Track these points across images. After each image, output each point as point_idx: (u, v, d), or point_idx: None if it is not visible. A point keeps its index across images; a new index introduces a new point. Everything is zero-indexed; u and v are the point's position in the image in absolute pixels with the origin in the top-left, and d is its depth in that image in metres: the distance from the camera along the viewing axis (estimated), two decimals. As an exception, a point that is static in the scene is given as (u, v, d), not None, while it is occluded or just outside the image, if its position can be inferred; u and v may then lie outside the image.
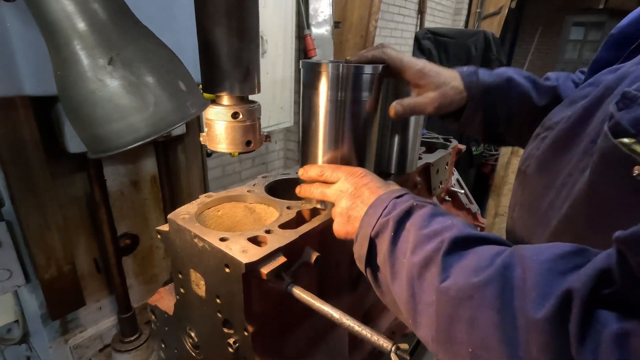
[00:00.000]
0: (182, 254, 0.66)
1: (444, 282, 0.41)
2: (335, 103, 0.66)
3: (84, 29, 0.38)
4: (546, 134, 0.57)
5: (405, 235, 0.51)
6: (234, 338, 0.62)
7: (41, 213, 0.87)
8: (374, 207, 0.56)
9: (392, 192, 0.58)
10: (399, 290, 0.49)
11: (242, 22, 0.53)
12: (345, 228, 0.61)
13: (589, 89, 0.54)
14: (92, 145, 0.42)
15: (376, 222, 0.54)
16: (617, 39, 0.58)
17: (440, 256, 0.44)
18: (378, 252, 0.54)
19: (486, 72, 0.75)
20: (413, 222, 0.51)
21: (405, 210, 0.53)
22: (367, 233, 0.55)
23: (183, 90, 0.44)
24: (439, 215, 0.51)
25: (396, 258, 0.50)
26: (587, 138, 0.47)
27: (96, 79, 0.38)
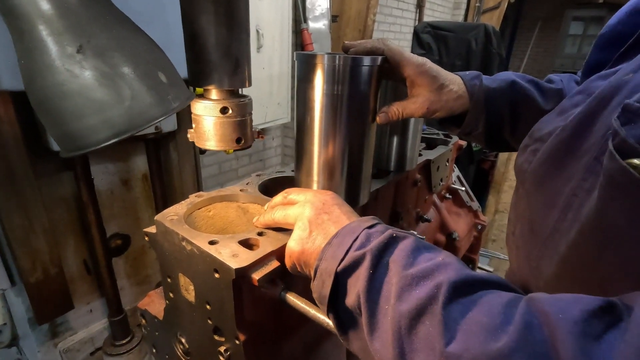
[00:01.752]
0: (170, 258, 0.63)
1: (450, 344, 0.34)
2: (331, 97, 0.62)
3: (49, 12, 0.34)
4: (537, 147, 0.53)
5: (387, 274, 0.42)
6: (225, 346, 0.59)
7: (25, 214, 0.83)
8: (341, 237, 0.47)
9: (361, 220, 0.49)
10: (381, 346, 0.40)
11: (231, 9, 0.49)
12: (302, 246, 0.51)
13: (579, 98, 0.51)
14: (64, 143, 0.38)
15: (344, 255, 0.45)
16: (607, 40, 0.55)
17: (439, 308, 0.36)
18: (348, 292, 0.44)
19: (489, 77, 0.73)
20: (395, 259, 0.42)
21: (384, 242, 0.44)
22: (331, 268, 0.45)
23: (164, 82, 0.40)
24: (424, 250, 0.43)
25: (376, 304, 0.41)
26: (587, 154, 0.43)
27: (64, 69, 0.34)
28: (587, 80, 0.53)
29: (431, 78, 0.65)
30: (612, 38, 0.54)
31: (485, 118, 0.71)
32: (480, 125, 0.72)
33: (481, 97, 0.69)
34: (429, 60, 0.67)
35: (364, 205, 0.75)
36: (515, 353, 0.30)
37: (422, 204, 1.09)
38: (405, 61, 0.65)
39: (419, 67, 0.65)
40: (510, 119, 0.73)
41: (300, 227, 0.52)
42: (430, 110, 0.67)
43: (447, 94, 0.67)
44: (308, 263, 0.51)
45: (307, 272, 0.52)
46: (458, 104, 0.68)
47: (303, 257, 0.51)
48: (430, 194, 1.13)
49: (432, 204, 1.20)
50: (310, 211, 0.52)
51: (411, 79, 0.66)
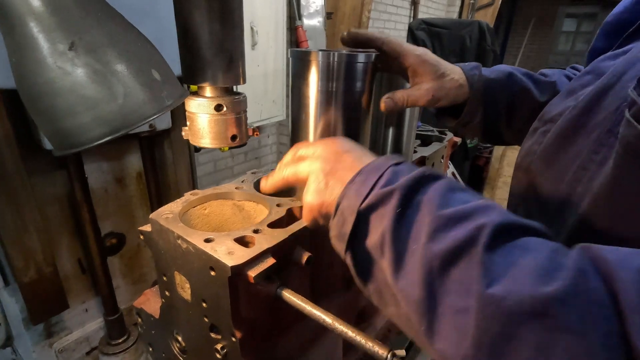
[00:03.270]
0: (165, 256, 0.63)
1: (492, 287, 0.31)
2: (326, 94, 0.62)
3: (40, 8, 0.33)
4: (547, 128, 0.53)
5: (417, 214, 0.39)
6: (222, 344, 0.59)
7: (17, 213, 0.82)
8: (365, 174, 0.44)
9: (387, 158, 0.47)
10: (407, 285, 0.38)
11: (224, 4, 0.49)
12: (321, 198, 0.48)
13: (588, 77, 0.51)
14: (57, 141, 0.38)
15: (369, 192, 0.42)
16: (612, 27, 0.56)
17: (480, 249, 0.33)
18: (370, 231, 0.42)
19: (487, 69, 0.73)
20: (427, 198, 0.39)
21: (415, 179, 0.41)
22: (353, 205, 0.43)
23: (157, 79, 0.40)
24: (459, 191, 0.41)
25: (403, 243, 0.39)
26: (598, 128, 0.44)
27: (56, 66, 0.34)
28: (595, 60, 0.54)
29: (433, 66, 0.66)
30: (617, 25, 0.55)
31: (483, 108, 0.72)
32: (478, 116, 0.72)
33: (480, 87, 0.70)
34: (428, 50, 0.67)
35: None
36: (570, 298, 0.28)
37: (417, 200, 1.10)
38: (406, 52, 0.65)
39: (420, 56, 0.65)
40: (506, 109, 0.73)
41: (315, 180, 0.49)
42: (434, 98, 0.67)
43: (449, 82, 0.67)
44: (329, 212, 0.48)
45: (327, 223, 0.50)
46: (459, 92, 0.69)
47: (323, 209, 0.49)
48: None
49: (427, 200, 1.20)
50: (323, 163, 0.49)
51: (413, 69, 0.66)
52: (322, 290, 0.75)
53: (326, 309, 0.52)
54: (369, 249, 0.43)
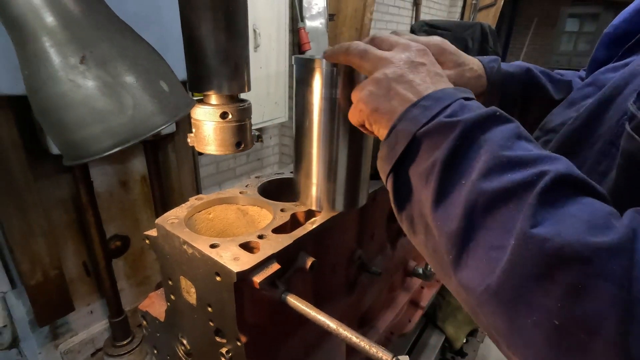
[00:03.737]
0: (171, 261, 0.63)
1: (536, 228, 0.31)
2: (329, 101, 0.62)
3: (52, 24, 0.34)
4: (549, 137, 0.54)
5: (476, 150, 0.38)
6: (227, 348, 0.60)
7: (24, 217, 0.83)
8: (431, 100, 0.42)
9: (458, 89, 0.44)
10: (444, 216, 0.37)
11: (230, 15, 0.49)
12: (377, 103, 0.45)
13: (589, 89, 0.52)
14: (68, 152, 0.39)
15: (431, 120, 0.40)
16: (612, 38, 0.56)
17: (534, 194, 0.32)
18: (419, 158, 0.41)
19: (505, 63, 0.73)
20: (491, 137, 0.38)
21: (483, 116, 0.39)
22: (410, 129, 0.41)
23: (165, 90, 0.41)
24: (526, 140, 0.38)
25: (453, 175, 0.38)
26: (601, 139, 0.44)
27: (67, 79, 0.35)
28: (596, 72, 0.54)
29: (453, 55, 0.65)
30: (617, 36, 0.55)
31: (499, 101, 0.71)
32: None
33: (498, 80, 0.69)
34: (446, 40, 0.67)
35: (362, 206, 0.76)
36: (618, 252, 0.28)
37: (419, 203, 1.10)
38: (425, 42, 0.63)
39: (439, 45, 0.65)
40: (521, 104, 0.73)
41: (378, 82, 0.46)
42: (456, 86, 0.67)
43: (468, 71, 0.67)
44: (380, 121, 0.46)
45: (373, 129, 0.49)
46: (478, 83, 0.68)
47: (375, 116, 0.46)
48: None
49: (430, 203, 1.21)
50: (394, 67, 0.46)
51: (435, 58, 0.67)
52: (325, 294, 0.75)
53: (329, 312, 0.52)
54: (413, 176, 0.42)
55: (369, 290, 0.91)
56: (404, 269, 1.09)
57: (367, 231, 0.86)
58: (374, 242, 0.91)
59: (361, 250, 0.84)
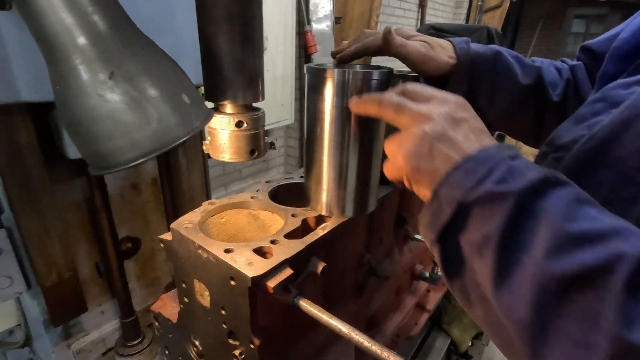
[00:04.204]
0: (185, 264, 0.65)
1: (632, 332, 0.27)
2: (340, 109, 0.64)
3: (83, 42, 0.36)
4: (560, 155, 0.52)
5: (534, 222, 0.35)
6: (240, 350, 0.61)
7: (41, 219, 0.86)
8: (474, 162, 0.39)
9: (500, 147, 0.41)
10: (511, 299, 0.34)
11: (246, 28, 0.51)
12: (418, 163, 0.43)
13: (599, 105, 0.51)
14: (93, 162, 0.40)
15: (477, 185, 0.38)
16: (622, 52, 0.55)
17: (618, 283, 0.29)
18: (470, 227, 0.38)
19: (477, 44, 0.75)
20: (549, 207, 0.35)
21: (536, 183, 0.36)
22: (455, 195, 0.39)
23: (187, 102, 0.42)
24: (589, 205, 0.35)
25: (512, 252, 0.35)
26: (621, 163, 0.43)
27: (96, 94, 0.37)
28: (606, 88, 0.53)
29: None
30: (628, 51, 0.54)
31: (468, 83, 0.72)
32: (464, 88, 0.73)
33: (467, 60, 0.71)
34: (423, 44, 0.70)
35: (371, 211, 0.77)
36: None
37: (426, 208, 1.12)
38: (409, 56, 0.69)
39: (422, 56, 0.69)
40: (490, 86, 0.74)
41: (417, 140, 0.43)
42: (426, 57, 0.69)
43: (437, 47, 0.71)
44: (421, 182, 0.44)
45: (412, 188, 0.47)
46: (446, 62, 0.71)
47: (416, 175, 0.44)
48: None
49: (436, 207, 1.22)
50: (433, 124, 0.43)
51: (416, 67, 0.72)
52: (334, 298, 0.77)
53: (338, 316, 0.54)
54: (464, 245, 0.40)
55: (376, 293, 0.93)
56: (411, 273, 1.10)
57: (376, 236, 0.87)
58: (382, 247, 0.92)
59: (370, 255, 0.85)
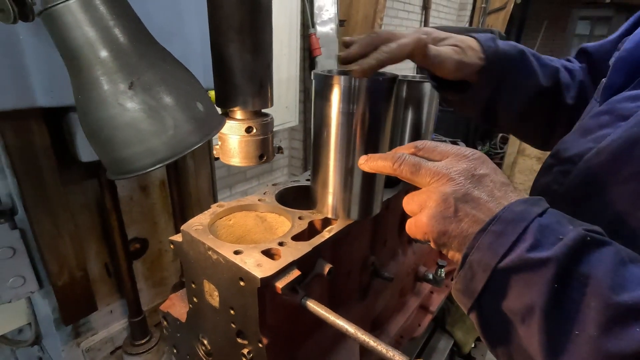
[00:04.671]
0: (195, 265, 0.67)
1: None
2: (347, 115, 0.65)
3: (105, 55, 0.38)
4: (566, 168, 0.51)
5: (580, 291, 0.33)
6: (248, 349, 0.63)
7: (53, 220, 0.88)
8: (502, 224, 0.37)
9: (527, 203, 0.39)
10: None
11: (257, 38, 0.53)
12: (445, 226, 0.41)
13: (605, 118, 0.51)
14: (112, 168, 0.42)
15: (509, 251, 0.36)
16: (627, 64, 0.54)
17: None
18: (509, 295, 0.37)
19: (503, 42, 0.71)
20: (594, 273, 0.33)
21: (574, 247, 0.34)
22: (488, 261, 0.37)
23: (201, 110, 0.44)
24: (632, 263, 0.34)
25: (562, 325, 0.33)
26: (635, 180, 0.42)
27: (117, 103, 0.39)
28: (612, 100, 0.53)
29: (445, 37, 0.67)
30: (633, 62, 0.53)
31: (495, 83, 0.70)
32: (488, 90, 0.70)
33: (496, 60, 0.68)
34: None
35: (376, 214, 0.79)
36: None
37: (430, 210, 1.13)
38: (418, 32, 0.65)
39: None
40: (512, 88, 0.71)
41: (439, 200, 0.41)
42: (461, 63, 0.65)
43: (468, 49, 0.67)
44: (449, 245, 0.42)
45: (440, 250, 0.45)
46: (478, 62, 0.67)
47: (443, 239, 0.42)
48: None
49: (440, 210, 1.23)
50: (455, 185, 0.41)
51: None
52: (340, 299, 0.78)
53: (343, 316, 0.55)
54: (505, 312, 0.38)
55: (381, 295, 0.94)
56: (415, 274, 1.12)
57: (380, 238, 0.89)
58: (387, 249, 0.94)
59: (374, 257, 0.87)
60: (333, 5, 2.79)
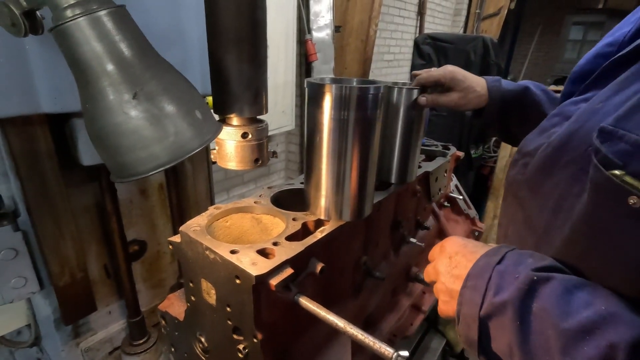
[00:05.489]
0: (193, 265, 0.70)
1: None
2: (338, 121, 0.69)
3: (111, 68, 0.41)
4: (526, 160, 0.62)
5: (540, 325, 0.41)
6: (244, 344, 0.66)
7: (56, 223, 0.90)
8: (473, 279, 0.49)
9: (488, 255, 0.51)
10: None
11: (253, 49, 0.56)
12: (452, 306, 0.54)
13: (556, 119, 0.61)
14: (117, 171, 0.45)
15: (482, 301, 0.47)
16: (577, 75, 0.65)
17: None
18: (494, 339, 0.46)
19: (509, 82, 0.93)
20: (544, 306, 0.41)
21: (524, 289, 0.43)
22: (473, 313, 0.48)
23: (199, 118, 0.47)
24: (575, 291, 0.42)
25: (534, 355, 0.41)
26: (572, 166, 0.51)
27: (122, 112, 0.42)
28: (562, 105, 0.64)
29: (460, 82, 0.87)
30: (581, 74, 0.64)
31: (499, 113, 0.91)
32: (497, 119, 0.92)
33: (498, 96, 0.90)
34: (458, 68, 0.89)
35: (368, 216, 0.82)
36: None
37: (421, 212, 1.16)
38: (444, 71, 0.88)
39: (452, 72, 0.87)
40: (518, 116, 0.91)
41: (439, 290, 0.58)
42: (457, 105, 0.89)
43: (471, 93, 0.88)
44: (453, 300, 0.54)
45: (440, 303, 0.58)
46: (479, 101, 0.90)
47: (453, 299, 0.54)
48: (430, 203, 1.20)
49: (431, 212, 1.27)
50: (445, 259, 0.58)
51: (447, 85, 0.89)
52: (333, 297, 0.81)
53: (337, 313, 0.58)
54: (498, 353, 0.46)
55: (373, 294, 0.97)
56: (407, 275, 1.15)
57: (372, 239, 0.92)
58: (379, 249, 0.97)
59: (366, 257, 0.90)
60: (329, 11, 2.84)
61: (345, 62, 3.08)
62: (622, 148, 0.41)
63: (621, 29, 0.61)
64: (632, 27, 0.57)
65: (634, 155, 0.40)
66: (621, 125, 0.42)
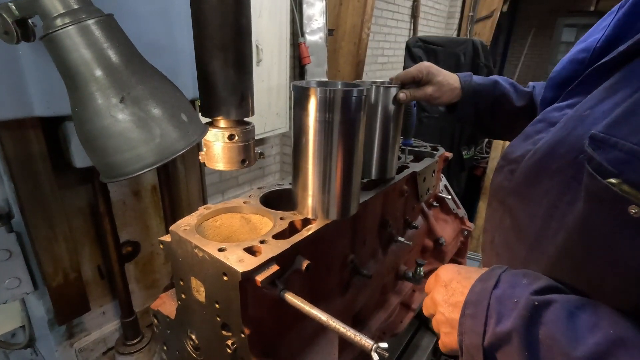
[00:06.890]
0: (183, 263, 0.72)
1: None
2: (323, 123, 0.71)
3: (99, 74, 0.43)
4: (512, 167, 0.62)
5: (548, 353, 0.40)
6: (232, 340, 0.68)
7: (49, 224, 0.92)
8: (471, 307, 0.48)
9: (482, 280, 0.50)
10: None
11: (238, 55, 0.59)
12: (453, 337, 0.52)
13: (541, 125, 0.61)
14: (105, 172, 0.47)
15: (485, 331, 0.45)
16: (556, 81, 0.67)
17: None
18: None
19: (480, 77, 0.99)
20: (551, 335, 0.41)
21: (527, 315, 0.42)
22: (476, 343, 0.46)
23: (185, 120, 0.49)
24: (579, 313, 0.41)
25: None
26: (561, 173, 0.50)
27: (109, 115, 0.44)
28: (545, 110, 0.64)
29: (435, 76, 0.92)
30: (560, 80, 0.65)
31: (472, 106, 0.96)
32: (470, 111, 0.98)
33: (470, 90, 0.95)
34: (432, 64, 0.94)
35: (354, 215, 0.84)
36: None
37: (410, 212, 1.19)
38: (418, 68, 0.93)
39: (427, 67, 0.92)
40: (489, 108, 0.97)
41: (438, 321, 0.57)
42: (432, 97, 0.93)
43: (445, 86, 0.93)
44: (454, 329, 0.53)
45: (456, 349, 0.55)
46: (453, 94, 0.95)
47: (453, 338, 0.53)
48: (418, 203, 1.22)
49: (420, 211, 1.29)
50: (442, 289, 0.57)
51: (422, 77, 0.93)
52: (320, 294, 0.83)
53: (325, 311, 0.60)
54: None
55: (361, 291, 0.99)
56: (395, 273, 1.17)
57: (360, 237, 0.94)
58: (366, 248, 0.99)
59: (354, 255, 0.92)
60: (322, 15, 2.87)
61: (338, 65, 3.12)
62: (617, 156, 0.40)
63: (592, 35, 0.62)
64: (603, 34, 0.58)
65: (629, 163, 0.39)
66: (612, 132, 0.41)
